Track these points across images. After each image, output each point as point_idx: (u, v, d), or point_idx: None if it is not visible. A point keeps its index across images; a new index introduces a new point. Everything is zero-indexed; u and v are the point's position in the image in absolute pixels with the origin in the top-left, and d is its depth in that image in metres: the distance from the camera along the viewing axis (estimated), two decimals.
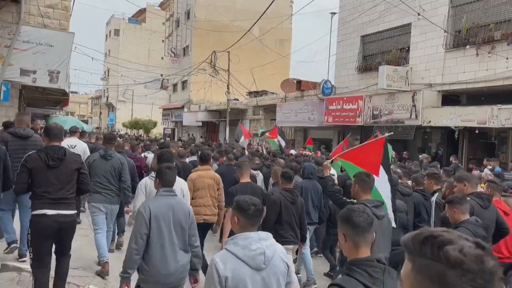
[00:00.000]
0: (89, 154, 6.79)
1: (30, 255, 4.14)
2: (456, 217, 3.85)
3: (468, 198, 4.17)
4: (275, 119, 21.91)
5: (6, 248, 5.45)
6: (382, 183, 3.96)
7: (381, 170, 4.06)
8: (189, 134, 32.66)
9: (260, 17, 15.42)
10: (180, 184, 4.55)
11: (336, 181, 7.13)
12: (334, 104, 16.98)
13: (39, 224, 3.98)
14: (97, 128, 51.92)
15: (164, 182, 3.60)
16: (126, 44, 56.05)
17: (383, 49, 15.92)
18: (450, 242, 1.04)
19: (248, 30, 18.78)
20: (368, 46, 16.79)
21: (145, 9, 56.45)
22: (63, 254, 4.26)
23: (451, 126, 12.38)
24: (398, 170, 6.86)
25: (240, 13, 33.86)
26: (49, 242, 4.08)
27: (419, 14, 13.28)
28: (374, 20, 15.85)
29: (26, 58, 10.91)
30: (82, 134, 10.18)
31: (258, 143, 17.89)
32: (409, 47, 14.66)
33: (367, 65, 16.47)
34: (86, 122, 46.32)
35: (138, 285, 3.51)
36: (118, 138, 10.56)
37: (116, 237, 6.79)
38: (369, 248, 2.26)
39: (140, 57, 53.40)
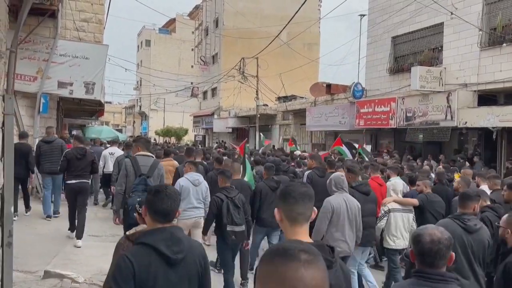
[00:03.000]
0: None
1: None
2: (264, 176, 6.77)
3: (310, 170, 7.39)
4: (304, 124, 21.81)
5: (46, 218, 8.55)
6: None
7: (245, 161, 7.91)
8: (219, 141, 32.96)
9: (289, 22, 15.40)
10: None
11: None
12: (365, 107, 16.73)
13: (70, 187, 7.35)
14: (131, 136, 53.13)
15: None
16: (157, 54, 57.23)
17: (415, 50, 15.59)
18: None
19: (277, 36, 18.79)
20: (399, 47, 16.49)
21: (174, 19, 57.51)
22: (81, 206, 7.30)
23: (488, 127, 11.97)
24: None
25: (267, 19, 33.99)
26: (74, 197, 7.31)
27: (452, 13, 12.95)
28: (405, 20, 15.57)
29: (63, 71, 11.31)
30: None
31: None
32: (442, 47, 14.30)
33: (399, 67, 16.16)
34: (120, 131, 47.40)
35: None
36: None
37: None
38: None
39: (171, 66, 54.40)
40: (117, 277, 2.15)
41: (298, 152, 14.66)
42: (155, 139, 42.38)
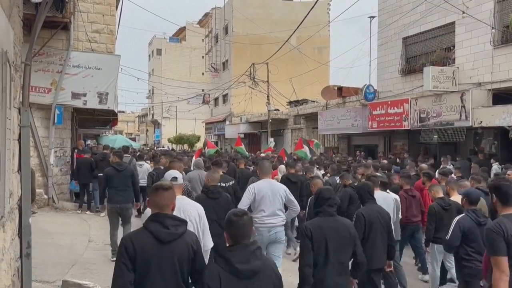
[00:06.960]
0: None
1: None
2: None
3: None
4: (316, 127, 21.73)
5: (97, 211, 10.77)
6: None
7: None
8: (231, 147, 33.00)
9: (298, 26, 15.39)
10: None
11: None
12: (378, 109, 16.61)
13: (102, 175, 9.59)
14: (144, 145, 53.54)
15: None
16: (168, 63, 57.72)
17: (427, 50, 15.44)
18: None
19: (286, 41, 18.77)
20: (411, 47, 16.35)
21: (184, 27, 57.99)
22: None
23: (504, 126, 11.77)
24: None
25: (276, 25, 34.05)
26: (106, 182, 8.55)
27: (463, 12, 12.81)
28: (416, 21, 15.44)
29: (77, 82, 11.45)
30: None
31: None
32: (454, 46, 14.14)
33: (411, 67, 16.02)
34: (133, 139, 47.89)
35: None
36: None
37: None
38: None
39: (182, 74, 54.81)
40: None
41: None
42: (167, 146, 42.95)
